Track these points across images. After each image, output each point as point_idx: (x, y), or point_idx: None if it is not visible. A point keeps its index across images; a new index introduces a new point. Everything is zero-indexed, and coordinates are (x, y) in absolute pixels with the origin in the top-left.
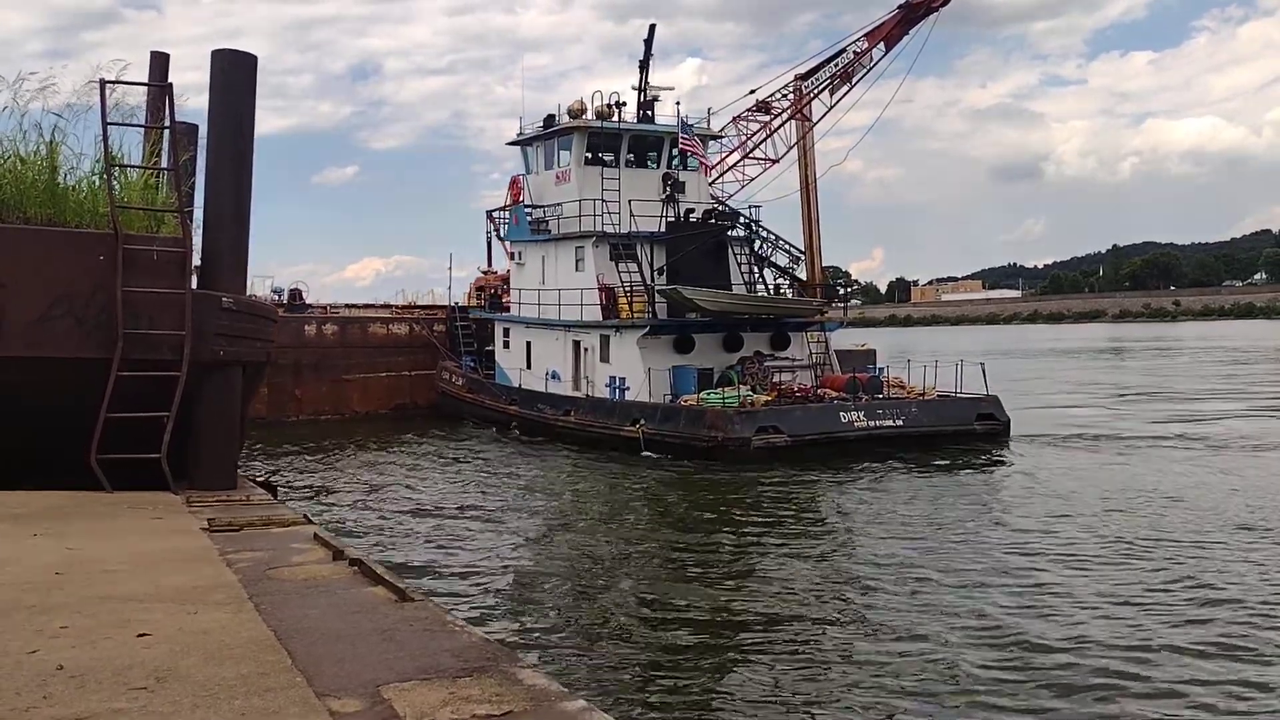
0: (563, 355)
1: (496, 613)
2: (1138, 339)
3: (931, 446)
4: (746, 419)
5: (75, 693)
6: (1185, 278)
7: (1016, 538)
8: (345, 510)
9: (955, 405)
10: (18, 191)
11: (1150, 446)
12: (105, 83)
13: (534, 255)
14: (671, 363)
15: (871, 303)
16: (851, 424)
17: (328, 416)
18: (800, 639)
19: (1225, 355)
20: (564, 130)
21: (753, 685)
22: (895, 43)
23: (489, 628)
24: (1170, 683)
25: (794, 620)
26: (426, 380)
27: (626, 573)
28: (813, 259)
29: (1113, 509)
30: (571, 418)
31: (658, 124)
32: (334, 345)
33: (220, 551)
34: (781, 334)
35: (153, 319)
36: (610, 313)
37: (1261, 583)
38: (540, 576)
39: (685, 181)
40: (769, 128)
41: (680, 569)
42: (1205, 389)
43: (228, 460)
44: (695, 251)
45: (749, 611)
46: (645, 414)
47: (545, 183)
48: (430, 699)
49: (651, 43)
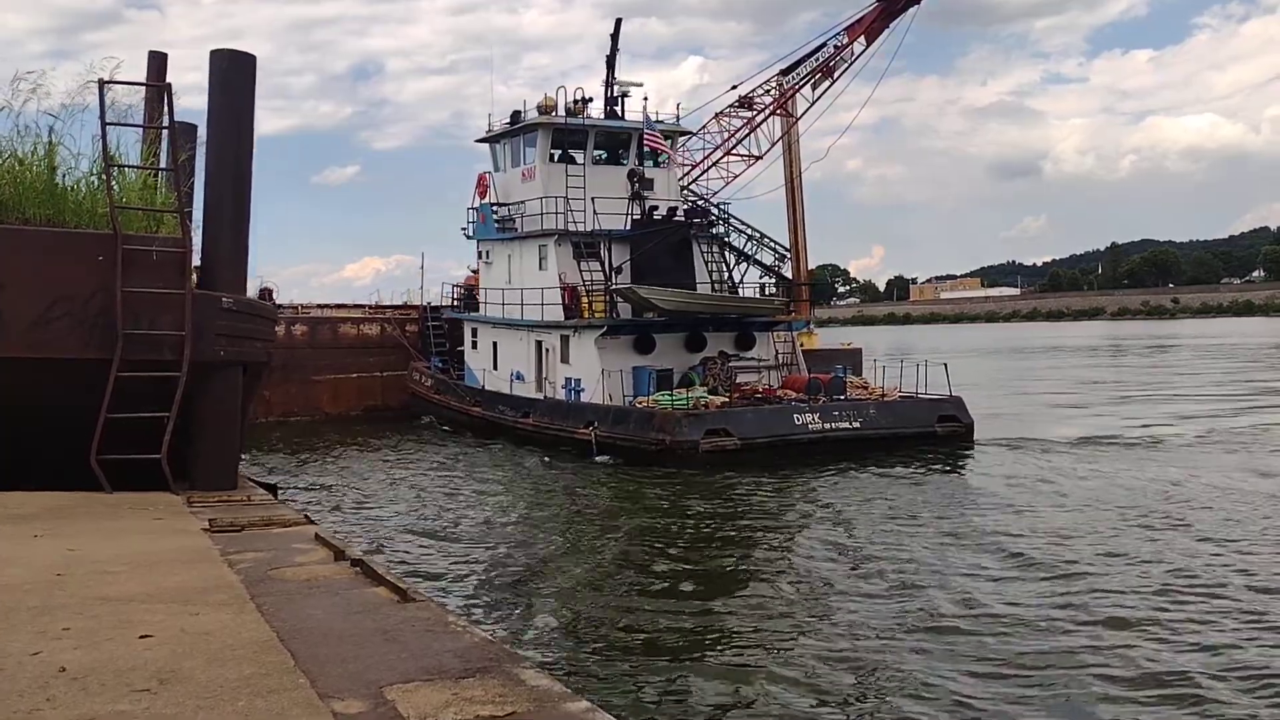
0: (526, 356)
1: (497, 613)
2: (1135, 337)
3: (890, 449)
4: (694, 421)
5: (78, 695)
6: (1184, 275)
7: (936, 547)
8: (329, 511)
9: (916, 407)
10: (17, 192)
11: (1128, 448)
12: (104, 82)
13: (500, 254)
14: (631, 363)
15: (870, 301)
16: (805, 426)
17: (297, 418)
18: (786, 641)
19: (1223, 353)
20: (529, 127)
21: (757, 684)
22: (875, 37)
23: (490, 628)
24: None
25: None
26: (398, 381)
27: (625, 574)
28: (798, 256)
29: (1056, 522)
30: (530, 420)
31: (626, 120)
32: (303, 346)
33: (222, 552)
34: (746, 334)
35: (153, 319)
36: (573, 312)
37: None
38: (538, 577)
39: (653, 179)
40: (752, 124)
41: (677, 573)
42: (1197, 387)
43: (228, 460)
44: (659, 249)
45: (745, 613)
46: (598, 416)
47: (512, 180)
48: (434, 700)
49: (618, 38)
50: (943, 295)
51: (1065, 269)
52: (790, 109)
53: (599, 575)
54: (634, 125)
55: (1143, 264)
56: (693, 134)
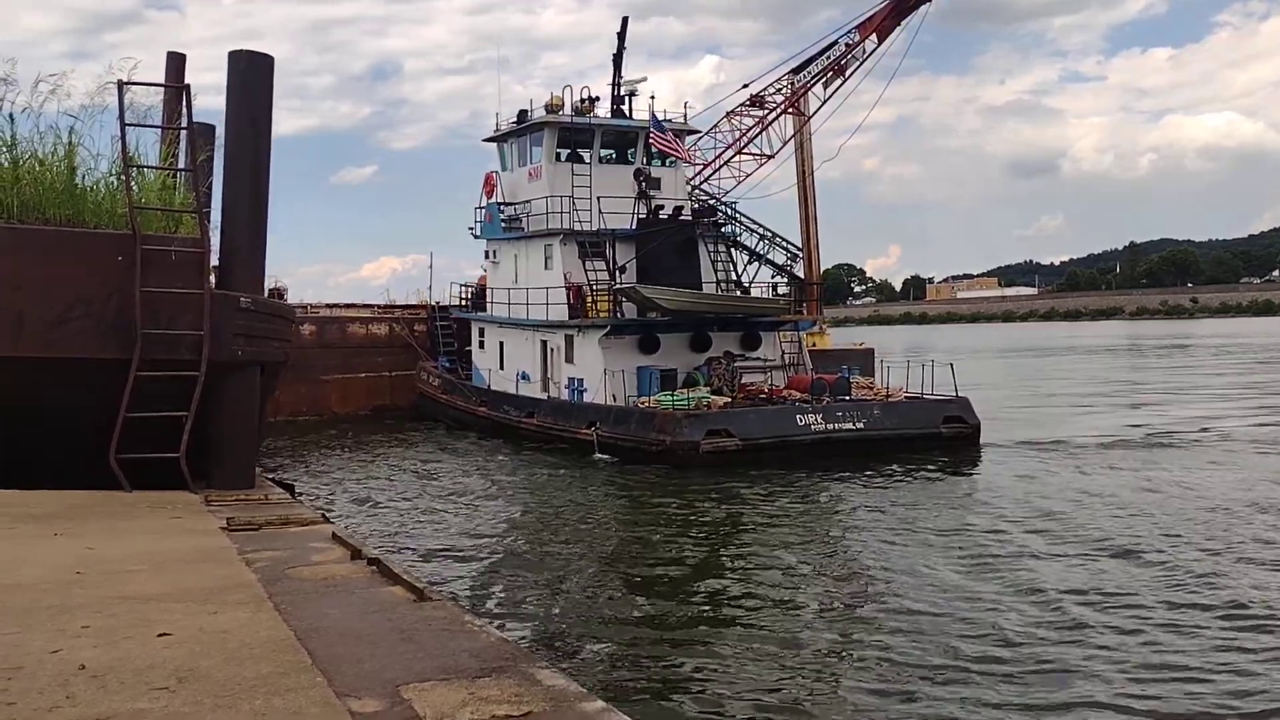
0: (532, 356)
1: (511, 612)
2: (1154, 337)
3: (894, 451)
4: (695, 422)
5: (97, 692)
6: (1203, 275)
7: (931, 549)
8: (341, 510)
9: (921, 408)
10: (37, 192)
11: (1142, 450)
12: (123, 84)
13: (507, 254)
14: (636, 363)
15: (887, 300)
16: (808, 427)
17: (305, 417)
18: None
19: (1241, 352)
20: (535, 126)
21: (770, 683)
22: (887, 34)
23: (505, 627)
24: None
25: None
26: (407, 381)
27: (639, 573)
28: (810, 255)
29: (1064, 526)
30: (534, 420)
31: (632, 119)
32: (311, 345)
33: (239, 551)
34: (752, 334)
35: (171, 319)
36: (578, 312)
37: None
38: (551, 577)
39: (660, 178)
40: (763, 122)
41: (686, 575)
42: (1214, 389)
43: (246, 460)
44: (664, 249)
45: (754, 614)
46: (600, 416)
47: (519, 179)
48: (450, 699)
49: (624, 36)
50: (959, 295)
51: (1083, 268)
52: (801, 107)
53: (612, 576)
54: (640, 124)
55: (1161, 263)
56: (701, 133)
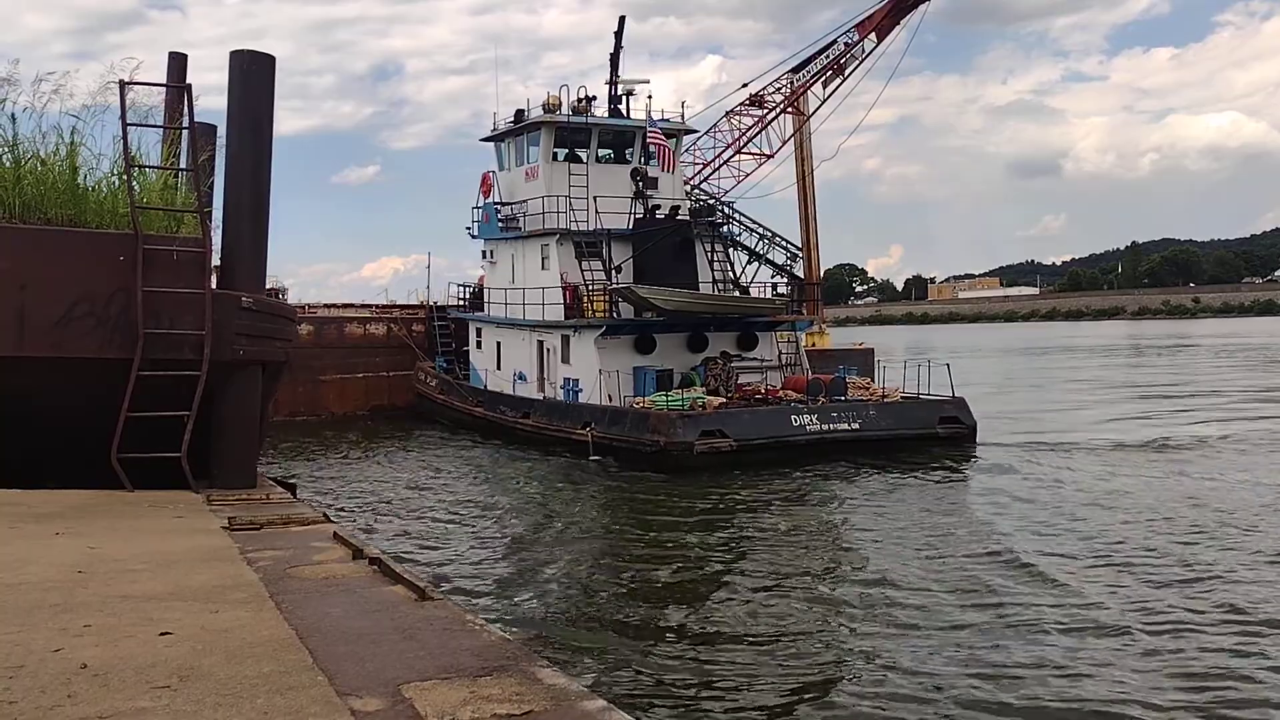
0: (528, 356)
1: (513, 612)
2: (1155, 336)
3: (889, 452)
4: (689, 423)
5: (99, 691)
6: (1205, 274)
7: (924, 549)
8: (342, 509)
9: (917, 408)
10: (39, 192)
11: (1139, 451)
12: (125, 83)
13: (504, 253)
14: (632, 364)
15: (888, 300)
16: (803, 428)
17: (304, 417)
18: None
19: (1243, 353)
20: (532, 125)
21: (770, 682)
22: (886, 34)
23: (506, 627)
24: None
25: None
26: (405, 381)
27: (637, 573)
28: (809, 255)
29: (1063, 527)
30: (530, 420)
31: (629, 119)
32: (309, 345)
33: (241, 550)
34: (748, 334)
35: (173, 319)
36: (574, 312)
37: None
38: (551, 576)
39: (657, 178)
40: (763, 121)
41: (689, 572)
42: (1213, 389)
43: (248, 459)
44: (660, 249)
45: (754, 614)
46: (595, 417)
47: (516, 179)
48: (451, 698)
49: (621, 36)
50: (961, 295)
51: (1085, 268)
52: (801, 107)
53: (610, 576)
54: (637, 124)
55: (1163, 263)
56: (698, 132)
